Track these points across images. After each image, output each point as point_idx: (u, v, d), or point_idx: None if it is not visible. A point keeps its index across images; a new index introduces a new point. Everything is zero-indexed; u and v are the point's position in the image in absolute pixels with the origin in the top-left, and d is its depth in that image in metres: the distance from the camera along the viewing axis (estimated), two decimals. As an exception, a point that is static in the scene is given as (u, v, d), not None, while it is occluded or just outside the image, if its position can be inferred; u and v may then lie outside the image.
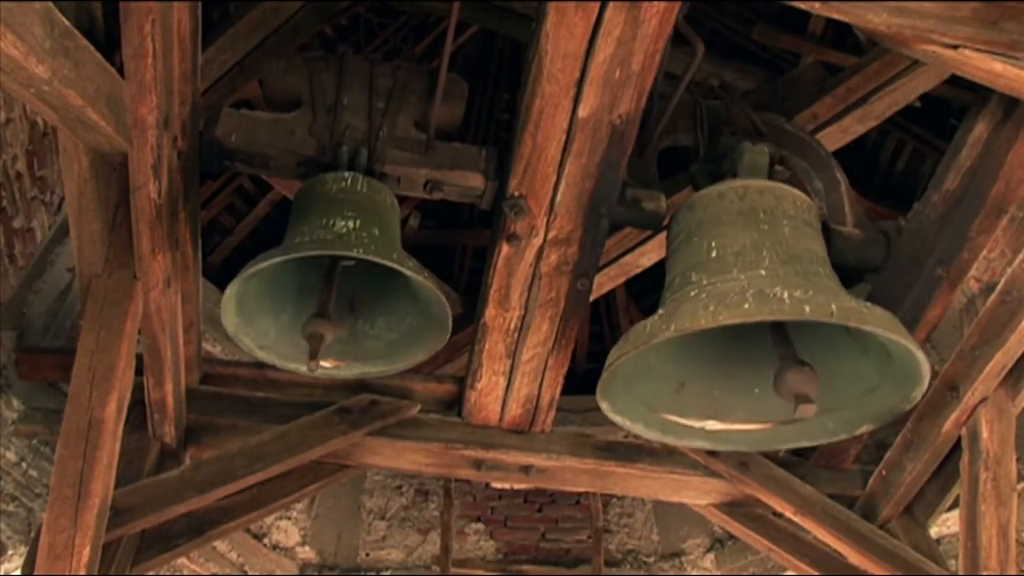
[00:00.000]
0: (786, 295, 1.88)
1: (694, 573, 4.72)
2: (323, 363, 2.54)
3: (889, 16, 1.99)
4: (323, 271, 2.45)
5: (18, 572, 3.05)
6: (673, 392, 2.32)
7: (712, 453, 3.07)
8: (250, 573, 4.55)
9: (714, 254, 2.17)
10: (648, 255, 3.20)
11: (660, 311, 2.07)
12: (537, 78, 2.15)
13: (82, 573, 2.27)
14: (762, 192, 2.29)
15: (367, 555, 4.93)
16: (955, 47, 2.03)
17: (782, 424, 2.31)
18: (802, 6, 2.02)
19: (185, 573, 4.30)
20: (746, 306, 1.86)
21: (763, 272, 2.05)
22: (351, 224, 2.29)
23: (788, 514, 3.08)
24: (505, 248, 2.53)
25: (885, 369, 2.12)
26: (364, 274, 2.55)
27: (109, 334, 2.34)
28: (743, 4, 4.11)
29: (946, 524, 3.49)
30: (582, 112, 2.21)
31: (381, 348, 2.61)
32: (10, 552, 3.13)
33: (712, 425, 2.34)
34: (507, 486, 3.29)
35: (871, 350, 2.13)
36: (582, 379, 5.72)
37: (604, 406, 2.23)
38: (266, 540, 4.71)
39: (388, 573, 4.86)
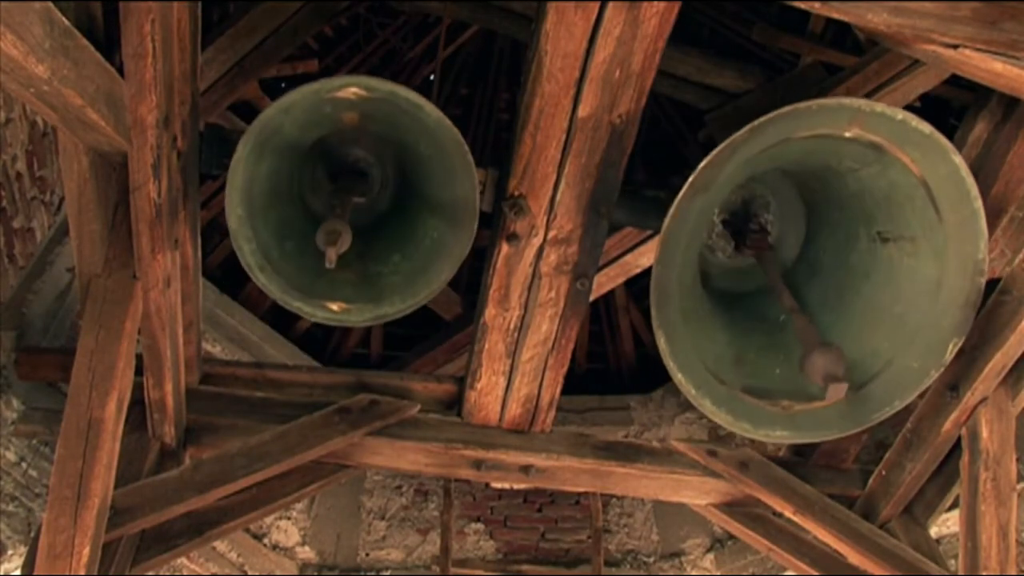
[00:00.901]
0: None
1: (694, 573, 4.71)
2: (332, 306, 2.49)
3: (889, 16, 1.99)
4: (332, 205, 2.44)
5: (18, 572, 3.05)
6: (732, 364, 2.23)
7: (712, 453, 3.07)
8: (250, 573, 4.55)
9: None
10: (648, 255, 3.20)
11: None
12: (537, 78, 2.15)
13: (82, 573, 2.27)
14: None
15: (367, 555, 4.93)
16: (955, 47, 2.03)
17: (862, 388, 2.16)
18: (802, 6, 2.02)
19: (185, 573, 4.29)
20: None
21: None
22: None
23: (788, 514, 3.08)
24: (505, 248, 2.53)
25: (936, 236, 1.97)
26: (373, 216, 2.52)
27: (109, 334, 2.34)
28: (743, 4, 4.11)
29: (946, 524, 3.49)
30: (582, 112, 2.21)
31: (400, 282, 2.59)
32: (10, 552, 3.13)
33: (789, 405, 2.18)
34: (507, 486, 3.29)
35: (917, 233, 2.02)
36: (582, 379, 5.74)
37: (662, 342, 2.03)
38: (266, 540, 4.70)
39: (388, 573, 4.86)
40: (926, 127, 1.85)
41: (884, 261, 2.12)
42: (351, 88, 2.22)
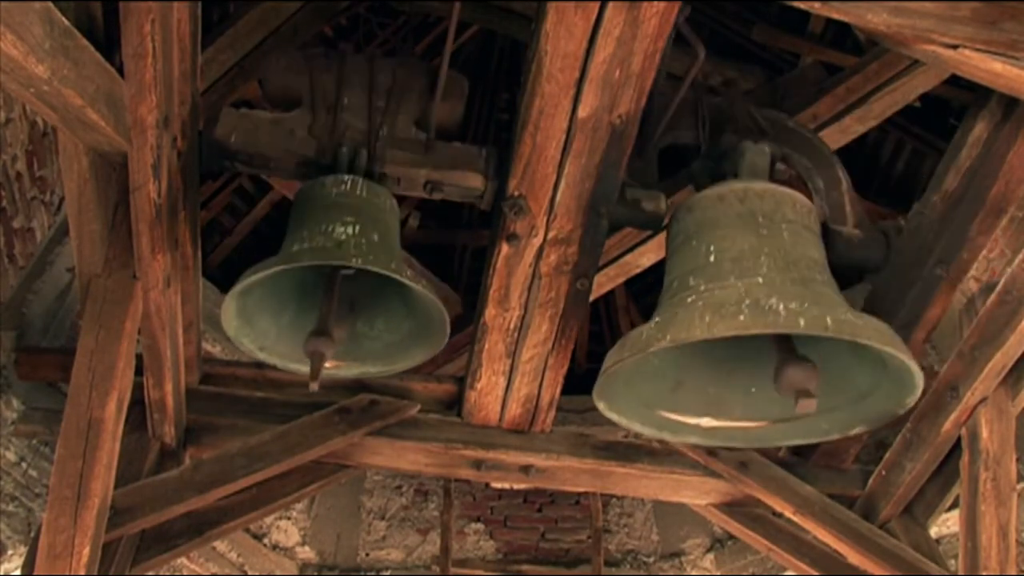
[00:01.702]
0: (782, 307, 1.88)
1: (694, 573, 4.72)
2: (326, 363, 2.54)
3: (889, 16, 1.99)
4: (324, 277, 2.45)
5: (18, 572, 3.05)
6: (670, 391, 2.33)
7: (712, 453, 3.07)
8: (250, 573, 4.56)
9: (712, 259, 2.16)
10: (648, 255, 3.21)
11: (656, 318, 2.08)
12: (537, 78, 2.16)
13: (82, 573, 2.27)
14: (762, 196, 2.28)
15: (367, 555, 4.94)
16: (955, 47, 2.03)
17: (777, 422, 2.32)
18: (802, 6, 2.03)
19: (185, 573, 4.30)
20: (741, 318, 1.88)
21: (760, 280, 2.05)
22: (350, 230, 2.29)
23: (788, 514, 3.08)
24: (505, 248, 2.53)
25: (879, 376, 2.13)
26: (365, 276, 2.55)
27: (109, 334, 2.34)
28: (743, 4, 4.12)
29: (946, 524, 3.50)
30: (582, 112, 2.21)
31: (380, 349, 2.62)
32: (10, 552, 3.13)
33: (708, 422, 2.34)
34: (507, 486, 3.29)
35: (866, 357, 2.14)
36: (582, 379, 5.71)
37: (601, 405, 2.25)
38: (266, 540, 4.71)
39: (388, 573, 4.86)
40: (907, 358, 1.95)
41: (838, 344, 2.21)
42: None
